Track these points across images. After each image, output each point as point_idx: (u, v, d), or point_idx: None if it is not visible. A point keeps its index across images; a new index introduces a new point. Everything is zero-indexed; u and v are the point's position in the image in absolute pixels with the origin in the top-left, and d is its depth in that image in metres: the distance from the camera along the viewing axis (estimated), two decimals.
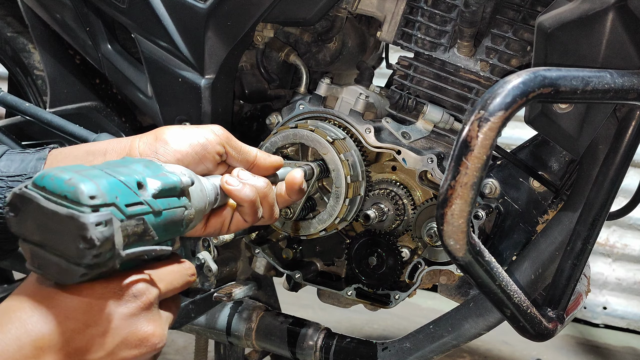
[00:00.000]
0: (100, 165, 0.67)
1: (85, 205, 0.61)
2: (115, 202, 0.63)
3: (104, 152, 0.83)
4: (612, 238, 2.80)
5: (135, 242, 0.65)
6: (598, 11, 0.90)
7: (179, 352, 2.26)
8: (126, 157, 0.74)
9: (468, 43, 1.16)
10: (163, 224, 0.68)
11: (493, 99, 0.74)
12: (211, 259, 1.30)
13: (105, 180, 0.64)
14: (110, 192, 0.63)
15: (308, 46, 1.37)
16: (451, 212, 0.75)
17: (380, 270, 1.24)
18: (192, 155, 0.83)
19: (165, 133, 0.84)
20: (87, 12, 1.36)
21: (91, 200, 0.61)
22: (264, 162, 0.91)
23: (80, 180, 0.61)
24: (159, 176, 0.70)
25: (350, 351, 1.29)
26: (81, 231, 0.60)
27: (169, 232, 0.70)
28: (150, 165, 0.71)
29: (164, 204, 0.68)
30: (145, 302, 0.67)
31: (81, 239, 0.60)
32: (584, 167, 1.03)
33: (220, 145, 0.86)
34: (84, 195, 0.61)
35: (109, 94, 1.55)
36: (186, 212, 0.72)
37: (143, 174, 0.68)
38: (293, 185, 0.91)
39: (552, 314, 0.99)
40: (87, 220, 0.60)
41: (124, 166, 0.69)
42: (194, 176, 0.77)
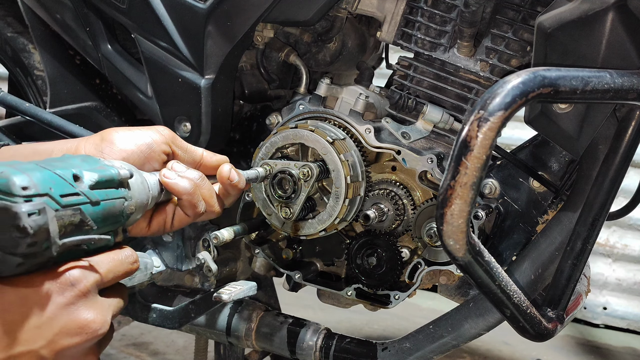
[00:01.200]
0: (37, 161, 0.69)
1: (18, 195, 0.62)
2: (49, 192, 0.64)
3: (50, 152, 0.85)
4: (612, 238, 2.80)
5: (72, 231, 0.66)
6: (598, 11, 0.90)
7: (179, 353, 2.26)
8: (65, 154, 0.75)
9: (468, 43, 1.16)
10: (102, 214, 0.69)
11: (493, 99, 0.74)
12: (211, 259, 1.30)
13: (39, 173, 0.65)
14: (43, 184, 0.64)
15: (308, 46, 1.37)
16: (451, 212, 0.75)
17: (380, 270, 1.24)
18: (137, 154, 0.85)
19: (112, 134, 0.86)
20: (87, 13, 1.36)
21: (23, 190, 0.62)
22: (210, 160, 0.94)
23: (12, 173, 0.62)
24: (96, 169, 0.71)
25: (350, 351, 1.29)
26: (14, 221, 0.61)
27: (109, 223, 0.71)
28: (87, 159, 0.73)
29: (102, 195, 0.70)
30: (82, 289, 0.68)
31: (15, 229, 0.61)
32: (583, 167, 1.03)
33: (165, 144, 0.88)
34: (15, 187, 0.62)
35: (109, 94, 1.55)
36: (126, 203, 0.74)
37: (80, 167, 0.70)
38: (222, 179, 0.93)
39: (552, 314, 0.99)
40: (19, 210, 0.61)
41: (61, 161, 0.70)
42: (134, 170, 0.79)
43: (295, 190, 1.14)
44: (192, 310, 1.32)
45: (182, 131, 1.29)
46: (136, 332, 2.38)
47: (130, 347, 2.29)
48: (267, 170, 1.13)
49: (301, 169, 1.13)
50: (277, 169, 1.14)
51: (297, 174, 1.13)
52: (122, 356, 2.22)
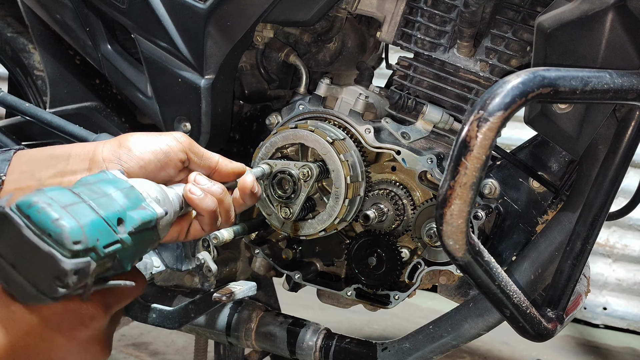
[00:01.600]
0: (85, 191, 0.68)
1: (68, 249, 0.62)
2: (96, 244, 0.64)
3: (67, 157, 0.84)
4: (612, 238, 2.80)
5: (102, 273, 0.67)
6: (597, 11, 0.90)
7: (179, 353, 2.26)
8: (107, 173, 0.74)
9: (468, 43, 1.16)
10: (132, 255, 0.71)
11: (492, 99, 0.74)
12: (211, 259, 1.31)
13: (90, 220, 0.65)
14: (92, 235, 0.64)
15: (308, 46, 1.37)
16: (450, 212, 0.75)
17: (380, 270, 1.24)
18: (154, 162, 0.84)
19: (129, 140, 0.85)
20: (87, 13, 1.36)
21: (74, 245, 0.62)
22: (226, 168, 0.92)
23: (68, 223, 0.62)
24: (138, 209, 0.71)
25: (349, 351, 1.29)
26: (59, 273, 0.61)
27: (134, 259, 0.72)
28: (130, 194, 0.72)
29: (138, 239, 0.71)
30: (98, 326, 0.71)
31: (57, 280, 0.62)
32: (583, 168, 1.03)
33: (182, 152, 0.87)
34: (69, 240, 0.62)
35: (109, 94, 1.55)
36: (154, 241, 0.75)
37: (124, 207, 0.70)
38: (244, 189, 0.92)
39: (552, 314, 0.99)
40: (67, 267, 0.61)
41: (105, 195, 0.70)
42: (165, 197, 0.79)
43: (295, 191, 1.14)
44: (191, 310, 1.32)
45: (182, 131, 1.29)
46: (136, 332, 2.38)
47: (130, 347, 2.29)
48: (270, 167, 1.12)
49: (301, 169, 1.13)
50: (277, 169, 1.14)
51: (296, 174, 1.13)
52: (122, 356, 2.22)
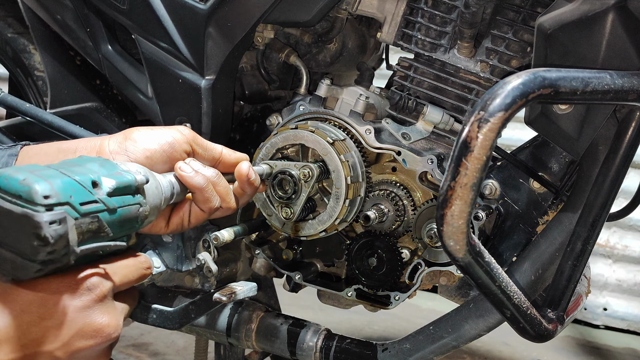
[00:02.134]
0: (56, 165, 0.69)
1: (40, 204, 0.62)
2: (70, 200, 0.65)
3: (74, 150, 0.86)
4: (612, 239, 2.80)
5: (90, 238, 0.67)
6: (598, 12, 0.90)
7: (179, 353, 2.26)
8: (83, 156, 0.76)
9: (468, 44, 1.16)
10: (118, 221, 0.70)
11: (493, 99, 0.74)
12: (211, 259, 1.30)
13: (60, 180, 0.65)
14: (64, 192, 0.65)
15: (308, 47, 1.37)
16: (451, 212, 0.75)
17: (380, 271, 1.24)
18: (160, 153, 0.87)
19: (135, 132, 0.88)
20: (88, 13, 1.36)
21: (45, 199, 0.63)
22: (229, 158, 0.96)
23: (35, 181, 0.63)
24: (113, 175, 0.72)
25: (350, 352, 1.29)
26: (35, 229, 0.61)
27: (125, 229, 0.72)
28: (105, 164, 0.73)
29: (119, 202, 0.71)
30: (99, 294, 0.70)
31: (35, 237, 0.62)
32: (584, 168, 1.03)
33: (187, 143, 0.90)
34: (37, 195, 0.62)
35: (110, 94, 1.55)
36: (141, 209, 0.75)
37: (98, 173, 0.70)
38: (241, 176, 0.95)
39: (552, 315, 0.99)
40: (41, 219, 0.61)
41: (79, 165, 0.71)
42: (149, 174, 0.80)
43: (296, 191, 1.14)
44: (192, 310, 1.32)
45: None
46: (136, 332, 2.38)
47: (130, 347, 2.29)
48: (271, 168, 1.13)
49: (301, 170, 1.13)
50: (278, 169, 1.14)
51: (297, 174, 1.13)
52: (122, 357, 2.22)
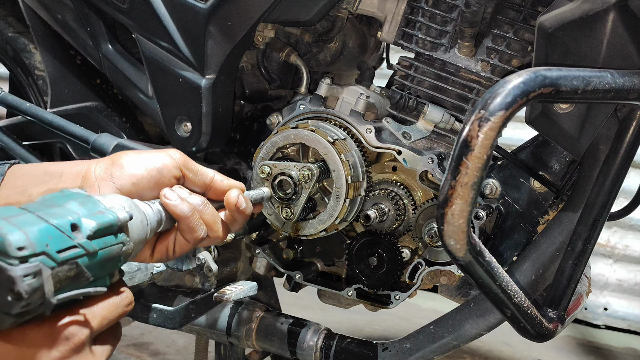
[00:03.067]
0: (35, 206, 0.66)
1: (13, 257, 0.60)
2: (46, 250, 0.62)
3: (59, 174, 0.84)
4: (613, 239, 2.80)
5: (68, 285, 0.65)
6: (599, 11, 0.90)
7: (180, 353, 2.26)
8: (64, 190, 0.73)
9: (469, 43, 1.16)
10: (99, 263, 0.68)
11: (493, 98, 0.74)
12: (211, 259, 1.30)
13: (36, 228, 0.63)
14: (40, 241, 0.62)
15: (309, 46, 1.37)
16: (451, 212, 0.75)
17: (381, 270, 1.23)
18: (147, 179, 0.84)
19: (122, 158, 0.85)
20: (88, 13, 1.36)
21: (19, 251, 0.60)
22: (221, 185, 0.91)
23: (9, 231, 0.61)
24: (95, 215, 0.69)
25: (350, 352, 1.29)
26: (9, 284, 0.59)
27: (106, 269, 0.70)
28: (86, 202, 0.70)
29: (100, 244, 0.68)
30: (77, 343, 0.67)
31: (9, 291, 0.59)
32: (584, 168, 1.03)
33: (177, 168, 0.87)
34: (11, 247, 0.60)
35: (110, 94, 1.55)
36: (124, 247, 0.72)
37: (78, 214, 0.67)
38: (229, 205, 0.91)
39: (553, 314, 0.99)
40: (14, 274, 0.59)
41: (58, 206, 0.68)
42: (134, 207, 0.76)
43: (296, 192, 1.13)
44: (192, 310, 1.32)
45: (183, 131, 1.29)
46: (136, 332, 2.38)
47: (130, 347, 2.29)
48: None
49: (301, 171, 1.12)
50: (277, 170, 1.14)
51: (297, 175, 1.12)
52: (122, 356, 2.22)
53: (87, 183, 0.82)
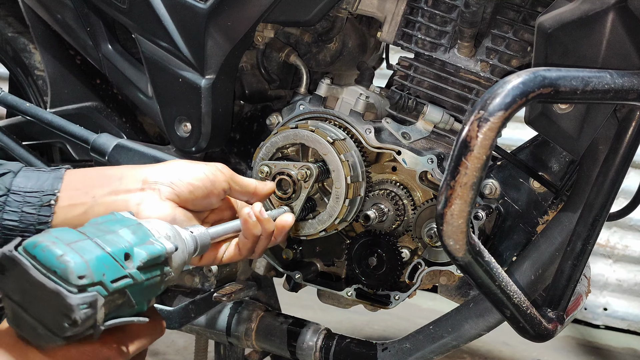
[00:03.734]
0: (91, 230, 0.69)
1: (74, 285, 0.63)
2: (102, 279, 0.65)
3: (119, 177, 0.88)
4: (612, 239, 2.80)
5: (114, 311, 0.68)
6: (598, 11, 0.90)
7: (179, 353, 2.26)
8: (115, 214, 0.75)
9: (468, 44, 1.16)
10: (144, 291, 0.71)
11: (493, 99, 0.74)
12: None
13: (95, 256, 0.65)
14: (98, 270, 0.65)
15: (308, 46, 1.37)
16: (451, 212, 0.75)
17: (380, 270, 1.23)
18: (202, 189, 0.90)
19: (180, 165, 0.91)
20: (88, 13, 1.36)
21: (79, 280, 0.63)
22: (263, 189, 1.02)
23: (72, 258, 0.63)
24: (146, 245, 0.71)
25: (350, 351, 1.29)
26: (66, 310, 0.62)
27: (147, 297, 0.72)
28: (137, 231, 0.72)
29: (147, 274, 0.71)
30: None
31: (65, 317, 0.62)
32: (584, 168, 1.03)
33: (226, 182, 0.94)
34: (73, 275, 0.63)
35: (110, 94, 1.55)
36: (166, 278, 0.74)
37: (131, 243, 0.70)
38: (283, 228, 0.99)
39: (552, 314, 0.99)
40: (73, 302, 0.62)
41: (113, 232, 0.70)
42: (177, 236, 0.79)
43: (295, 191, 1.13)
44: (192, 310, 1.32)
45: (183, 131, 1.29)
46: None
47: None
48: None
49: (300, 170, 1.12)
50: (277, 170, 1.14)
51: (296, 174, 1.12)
52: None
53: (147, 186, 0.87)
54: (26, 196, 0.83)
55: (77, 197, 0.85)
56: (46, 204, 0.83)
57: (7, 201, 0.82)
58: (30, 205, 0.82)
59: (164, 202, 0.87)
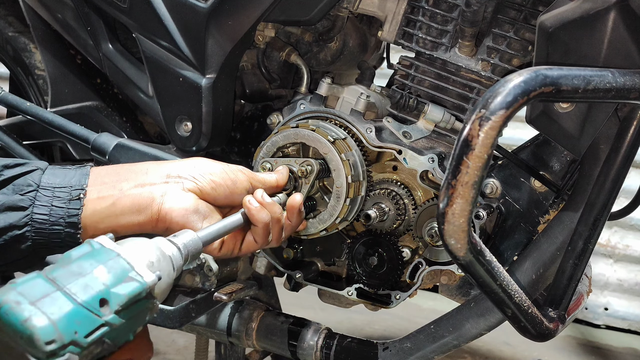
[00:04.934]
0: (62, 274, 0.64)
1: (42, 351, 0.59)
2: (74, 338, 0.61)
3: (145, 172, 0.92)
4: (613, 239, 2.80)
5: (94, 356, 0.64)
6: (599, 10, 0.90)
7: (180, 352, 2.26)
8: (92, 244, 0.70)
9: (469, 43, 1.15)
10: (125, 329, 0.66)
11: (494, 97, 0.73)
12: (212, 258, 1.30)
13: (65, 314, 0.61)
14: (68, 330, 0.60)
15: (309, 46, 1.37)
16: (452, 211, 0.75)
17: (381, 270, 1.23)
18: (224, 187, 0.94)
19: (203, 163, 0.96)
20: (88, 12, 1.36)
21: (48, 346, 0.59)
22: (283, 179, 1.06)
23: (38, 323, 0.59)
24: (124, 283, 0.66)
25: (351, 351, 1.29)
26: None
27: (132, 330, 0.68)
28: (114, 267, 0.67)
29: (127, 315, 0.66)
30: None
31: None
32: (585, 167, 1.03)
33: (247, 181, 0.98)
34: (40, 342, 0.59)
35: (110, 93, 1.55)
36: (151, 308, 0.70)
37: (106, 285, 0.65)
38: (293, 208, 1.01)
39: (553, 314, 0.99)
40: None
41: (86, 274, 0.65)
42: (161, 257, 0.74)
43: (296, 187, 1.13)
44: (192, 310, 1.32)
45: (183, 130, 1.29)
46: None
47: None
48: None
49: (301, 166, 1.11)
50: (278, 166, 1.14)
51: (297, 170, 1.12)
52: None
53: (171, 180, 0.91)
54: (55, 191, 0.86)
55: (105, 190, 0.89)
56: (75, 198, 0.86)
57: (37, 196, 0.85)
58: (59, 199, 0.85)
59: (186, 193, 0.91)
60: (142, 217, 0.90)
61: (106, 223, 0.88)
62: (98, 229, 0.88)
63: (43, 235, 0.85)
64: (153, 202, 0.89)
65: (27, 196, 0.84)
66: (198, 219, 0.91)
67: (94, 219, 0.87)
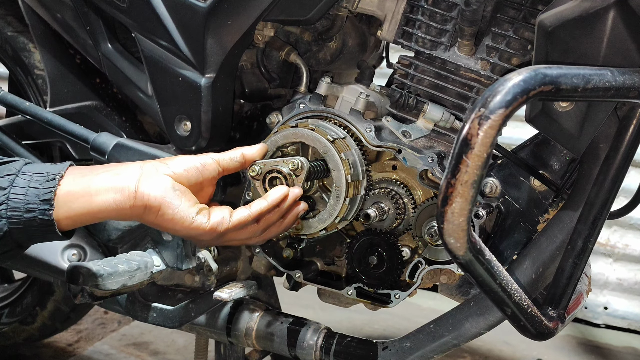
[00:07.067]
0: None
1: None
2: None
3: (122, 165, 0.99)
4: (613, 238, 2.80)
5: None
6: (599, 9, 0.90)
7: (179, 352, 2.26)
8: None
9: (469, 42, 1.15)
10: None
11: (493, 96, 0.74)
12: (211, 258, 1.30)
13: None
14: None
15: (308, 45, 1.37)
16: (451, 210, 0.75)
17: (381, 269, 1.23)
18: (194, 169, 1.02)
19: (172, 157, 1.04)
20: (88, 12, 1.36)
21: None
22: (252, 151, 1.12)
23: None
24: None
25: (350, 351, 1.29)
26: None
27: None
28: None
29: None
30: None
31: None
32: (584, 166, 1.03)
33: (215, 165, 1.05)
34: None
35: (110, 93, 1.55)
36: None
37: None
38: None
39: (553, 313, 0.99)
40: None
41: None
42: None
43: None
44: (192, 309, 1.32)
45: (182, 130, 1.29)
46: (136, 331, 2.38)
47: (130, 346, 2.29)
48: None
49: (288, 165, 1.10)
50: (267, 168, 1.12)
51: (287, 170, 1.11)
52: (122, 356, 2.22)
53: (146, 165, 0.99)
54: (34, 176, 0.92)
55: (81, 175, 0.94)
56: (51, 179, 0.91)
57: (16, 180, 0.91)
58: (36, 182, 0.91)
59: (162, 176, 0.98)
60: (119, 195, 0.93)
61: (80, 202, 0.92)
62: (71, 208, 0.91)
63: (17, 211, 0.89)
64: (130, 181, 0.95)
65: (7, 178, 0.90)
66: (176, 195, 0.97)
67: (68, 198, 0.91)
